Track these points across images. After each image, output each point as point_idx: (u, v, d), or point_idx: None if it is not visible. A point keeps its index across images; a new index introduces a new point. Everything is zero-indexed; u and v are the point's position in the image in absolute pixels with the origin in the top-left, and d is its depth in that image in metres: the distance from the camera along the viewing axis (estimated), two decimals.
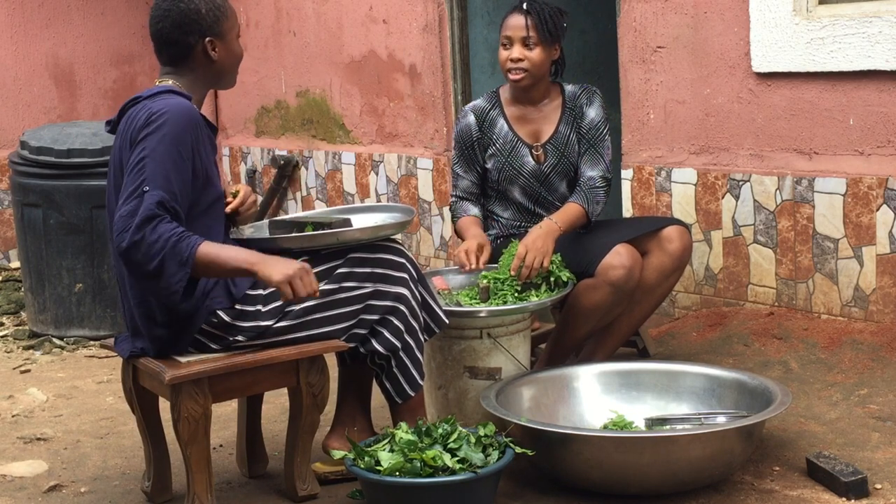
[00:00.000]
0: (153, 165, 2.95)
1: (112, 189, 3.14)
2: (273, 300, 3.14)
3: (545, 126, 4.00)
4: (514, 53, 3.88)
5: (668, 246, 3.84)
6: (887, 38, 4.12)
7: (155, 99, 3.09)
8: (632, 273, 3.70)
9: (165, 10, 3.19)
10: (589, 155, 3.97)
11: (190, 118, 3.05)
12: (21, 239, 5.55)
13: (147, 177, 2.94)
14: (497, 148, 3.99)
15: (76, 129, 5.55)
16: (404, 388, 3.31)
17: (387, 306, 3.25)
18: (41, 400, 4.53)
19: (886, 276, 4.23)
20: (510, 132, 3.99)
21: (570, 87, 4.04)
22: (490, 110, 4.02)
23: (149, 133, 2.99)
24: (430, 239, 6.04)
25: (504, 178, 3.99)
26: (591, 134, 3.97)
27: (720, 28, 4.63)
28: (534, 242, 3.67)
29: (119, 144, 3.13)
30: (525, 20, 3.87)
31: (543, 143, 3.99)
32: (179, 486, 3.38)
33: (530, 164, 3.97)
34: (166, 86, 3.18)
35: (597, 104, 4.00)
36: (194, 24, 3.18)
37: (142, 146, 2.98)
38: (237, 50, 3.30)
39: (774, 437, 3.53)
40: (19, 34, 7.15)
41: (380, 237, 3.31)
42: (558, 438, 3.15)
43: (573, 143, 3.98)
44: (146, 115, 3.03)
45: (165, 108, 3.03)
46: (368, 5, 6.20)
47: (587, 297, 3.73)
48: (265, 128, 7.13)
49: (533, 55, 3.88)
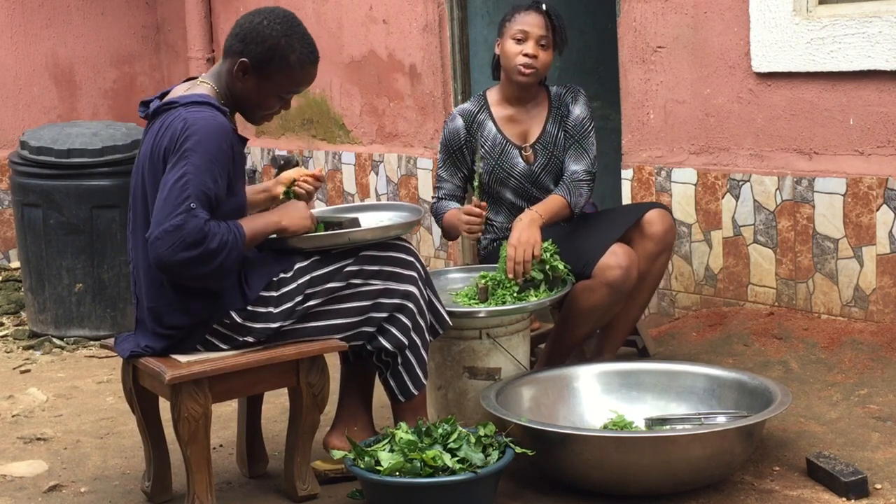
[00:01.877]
0: (196, 183, 2.98)
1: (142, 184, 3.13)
2: (285, 301, 3.15)
3: (533, 127, 4.02)
4: (529, 49, 3.88)
5: (650, 229, 3.84)
6: (887, 38, 4.12)
7: (190, 109, 3.07)
8: (629, 272, 3.69)
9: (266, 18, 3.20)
10: (574, 150, 3.98)
11: (225, 135, 3.06)
12: (21, 239, 5.55)
13: (192, 193, 2.97)
14: (486, 150, 3.99)
15: (76, 129, 5.55)
16: (408, 387, 3.31)
17: (395, 304, 3.26)
18: (41, 400, 4.53)
19: (886, 276, 4.23)
20: (499, 134, 4.00)
21: (555, 88, 4.06)
22: (478, 113, 4.03)
23: (189, 148, 2.99)
24: (430, 239, 6.04)
25: (495, 180, 3.99)
26: (577, 130, 3.99)
27: (720, 28, 4.63)
28: (519, 237, 3.67)
29: (149, 149, 3.11)
30: (544, 20, 3.89)
31: (532, 143, 4.00)
32: (179, 486, 3.38)
33: (521, 165, 3.98)
34: (204, 95, 3.15)
35: (581, 102, 4.02)
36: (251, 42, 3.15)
37: (184, 162, 2.99)
38: (264, 100, 3.23)
39: (774, 437, 3.53)
40: (19, 34, 7.15)
41: (389, 236, 3.33)
42: (558, 438, 3.15)
43: (561, 142, 4.00)
44: (182, 129, 3.02)
45: (203, 123, 3.03)
46: (368, 5, 6.20)
47: (585, 298, 3.72)
48: (265, 127, 7.13)
49: (545, 56, 3.90)
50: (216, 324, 3.12)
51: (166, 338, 3.13)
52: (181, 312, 3.10)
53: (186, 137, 3.00)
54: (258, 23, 3.18)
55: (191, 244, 2.94)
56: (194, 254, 2.95)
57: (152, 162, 3.09)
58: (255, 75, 3.19)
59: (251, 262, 3.20)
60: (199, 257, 2.96)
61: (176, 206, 2.95)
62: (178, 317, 3.10)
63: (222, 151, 3.04)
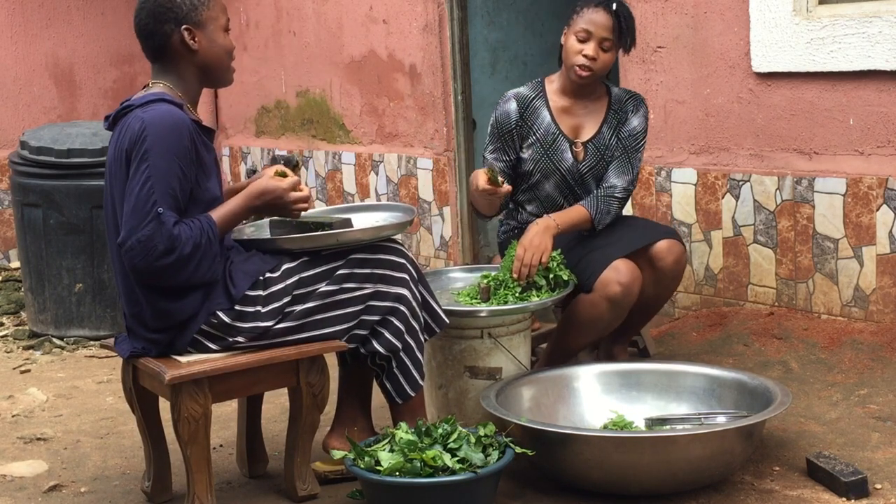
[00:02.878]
0: (161, 185, 2.97)
1: (110, 191, 3.15)
2: (272, 301, 3.15)
3: (588, 123, 3.92)
4: (590, 51, 3.77)
5: (659, 263, 3.79)
6: (887, 38, 4.12)
7: (146, 108, 3.06)
8: (630, 290, 3.65)
9: (142, 2, 3.18)
10: (619, 162, 3.88)
11: (183, 128, 3.04)
12: (21, 239, 5.55)
13: (158, 197, 2.97)
14: (537, 138, 3.89)
15: (76, 129, 5.55)
16: (405, 389, 3.30)
17: (387, 307, 3.25)
18: (41, 400, 4.53)
19: (886, 276, 4.23)
20: (553, 124, 3.89)
21: (616, 90, 3.97)
22: (534, 99, 3.91)
23: (147, 149, 2.98)
24: (430, 239, 6.04)
25: (539, 170, 3.90)
26: (629, 142, 3.89)
27: (720, 28, 4.63)
28: (531, 241, 3.65)
29: (113, 153, 3.12)
30: (613, 21, 3.77)
31: (585, 141, 3.90)
32: (179, 486, 3.38)
33: (569, 161, 3.89)
34: (157, 92, 3.14)
35: (641, 113, 3.92)
36: (169, 11, 3.14)
37: (145, 164, 2.98)
38: (222, 42, 3.22)
39: (774, 437, 3.53)
40: (19, 34, 7.16)
41: (381, 237, 3.31)
42: (558, 438, 3.15)
43: (613, 147, 3.89)
44: (139, 129, 3.01)
45: (159, 120, 3.01)
46: (368, 5, 6.20)
47: (585, 311, 3.70)
48: (265, 128, 7.13)
49: (606, 58, 3.80)
50: (204, 324, 3.11)
51: (153, 342, 3.13)
52: (159, 314, 3.09)
53: (144, 138, 3.00)
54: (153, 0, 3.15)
55: (163, 252, 2.96)
56: (170, 260, 2.97)
57: (118, 166, 3.08)
58: (199, 30, 3.17)
59: (236, 262, 3.18)
60: (174, 263, 2.98)
61: (144, 215, 2.95)
62: (157, 319, 3.10)
63: (182, 146, 3.02)
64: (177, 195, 3.00)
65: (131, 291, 3.11)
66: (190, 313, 3.09)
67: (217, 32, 3.21)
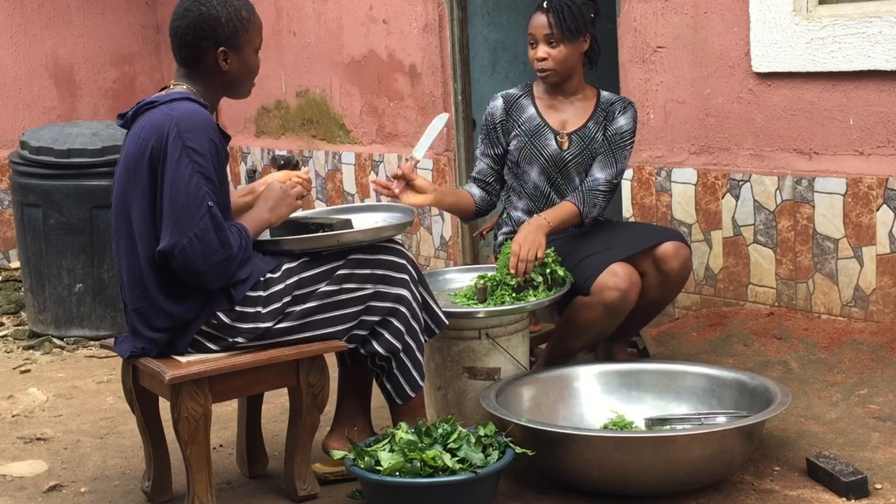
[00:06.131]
0: (206, 180, 3.00)
1: (125, 188, 3.10)
2: (273, 301, 3.15)
3: (574, 118, 3.99)
4: (539, 53, 3.90)
5: (665, 266, 3.79)
6: (887, 38, 4.12)
7: (172, 106, 3.06)
8: (627, 295, 3.65)
9: (185, 9, 3.15)
10: (604, 156, 3.93)
11: (212, 128, 3.06)
12: (21, 239, 5.55)
13: (206, 191, 2.99)
14: (521, 130, 3.98)
15: (76, 129, 5.55)
16: (404, 390, 3.30)
17: (387, 308, 3.25)
18: (41, 400, 4.53)
19: (886, 276, 4.23)
20: (538, 117, 3.99)
21: (607, 94, 4.03)
22: (521, 97, 4.04)
23: (185, 144, 2.98)
24: (430, 239, 6.05)
25: (523, 156, 3.96)
26: (615, 139, 3.94)
27: (720, 28, 4.63)
28: (525, 238, 3.67)
29: (135, 149, 3.08)
30: (546, 18, 3.88)
31: (570, 132, 3.97)
32: (179, 486, 3.38)
33: (552, 147, 3.94)
34: (183, 92, 3.14)
35: (629, 115, 3.97)
36: (211, 30, 3.13)
37: (187, 159, 2.98)
38: (252, 63, 3.24)
39: (774, 437, 3.53)
40: (19, 34, 7.16)
41: (381, 238, 3.31)
42: (558, 438, 3.15)
43: (598, 142, 3.95)
44: (170, 125, 3.00)
45: (190, 117, 3.02)
46: (368, 5, 6.20)
47: (582, 314, 3.70)
48: (265, 128, 7.13)
49: (556, 53, 3.89)
50: (204, 325, 3.11)
51: (154, 341, 3.13)
52: (164, 315, 3.09)
53: (178, 134, 2.98)
54: (197, 12, 3.14)
55: (218, 247, 2.99)
56: (222, 258, 3.00)
57: (136, 163, 3.06)
58: (234, 52, 3.18)
59: None
60: (224, 262, 3.01)
61: (196, 209, 2.96)
62: (161, 318, 3.09)
63: (213, 145, 3.04)
64: (217, 190, 3.04)
65: (142, 288, 3.10)
66: (193, 314, 3.09)
67: (250, 55, 3.23)
